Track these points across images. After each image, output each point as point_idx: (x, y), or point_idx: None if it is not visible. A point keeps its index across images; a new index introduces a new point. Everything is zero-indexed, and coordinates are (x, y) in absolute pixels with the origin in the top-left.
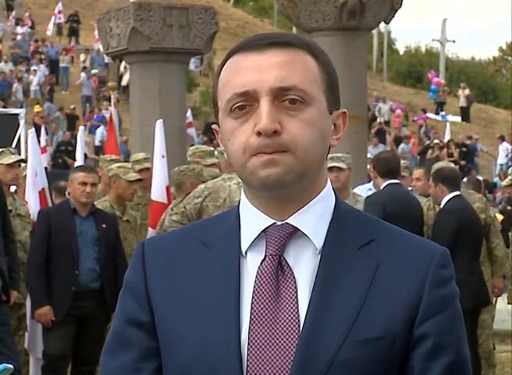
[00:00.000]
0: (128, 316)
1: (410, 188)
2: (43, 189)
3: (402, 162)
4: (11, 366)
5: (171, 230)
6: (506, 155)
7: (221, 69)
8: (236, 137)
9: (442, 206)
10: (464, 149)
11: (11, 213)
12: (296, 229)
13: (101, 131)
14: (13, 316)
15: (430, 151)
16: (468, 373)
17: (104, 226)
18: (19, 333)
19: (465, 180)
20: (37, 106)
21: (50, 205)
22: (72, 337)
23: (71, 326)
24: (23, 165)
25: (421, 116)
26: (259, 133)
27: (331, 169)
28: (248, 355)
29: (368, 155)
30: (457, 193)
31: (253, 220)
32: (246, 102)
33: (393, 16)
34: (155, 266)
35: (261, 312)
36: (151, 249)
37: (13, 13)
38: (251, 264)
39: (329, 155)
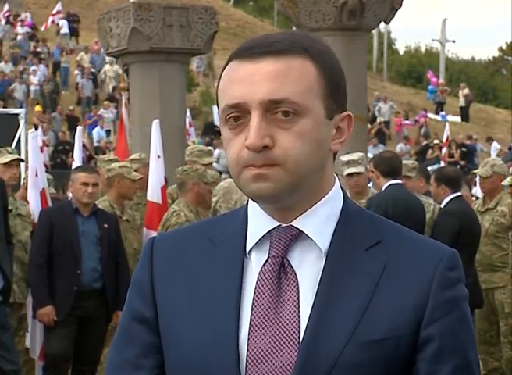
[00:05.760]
0: (133, 311)
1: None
2: (43, 189)
3: (410, 162)
4: None
5: (180, 227)
6: (497, 155)
7: (222, 73)
8: (230, 147)
9: (443, 206)
10: (463, 149)
11: (11, 213)
12: (301, 231)
13: (97, 132)
14: (14, 316)
15: (430, 152)
16: None
17: (106, 225)
18: (20, 333)
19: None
20: (38, 106)
21: (50, 205)
22: (74, 336)
23: (73, 325)
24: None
25: (421, 113)
26: (248, 148)
27: (350, 175)
28: (248, 356)
29: (369, 155)
30: (459, 194)
31: (258, 221)
32: (239, 113)
33: (393, 16)
34: (162, 262)
35: (262, 313)
36: (159, 245)
37: (4, 8)
38: (255, 265)
39: (345, 160)
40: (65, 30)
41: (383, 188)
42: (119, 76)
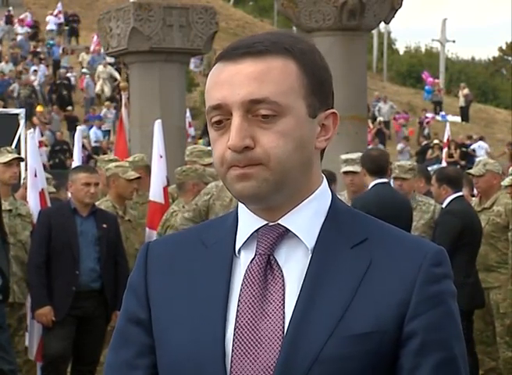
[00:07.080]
0: (129, 314)
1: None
2: (42, 189)
3: (408, 163)
4: None
5: (175, 232)
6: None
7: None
8: (216, 148)
9: (444, 206)
10: (463, 149)
11: (11, 213)
12: (287, 229)
13: (94, 132)
14: (13, 316)
15: (430, 152)
16: (461, 372)
17: (104, 226)
18: (20, 333)
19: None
20: (39, 107)
21: (49, 205)
22: (73, 337)
23: (71, 326)
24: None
25: (428, 115)
26: (230, 148)
27: (346, 173)
28: (233, 351)
29: None
30: (460, 194)
31: (247, 221)
32: (222, 116)
33: (393, 16)
34: (157, 267)
35: (247, 310)
36: (154, 250)
37: (6, 12)
38: (243, 264)
39: (344, 158)
40: (51, 26)
41: (369, 187)
42: (112, 77)
